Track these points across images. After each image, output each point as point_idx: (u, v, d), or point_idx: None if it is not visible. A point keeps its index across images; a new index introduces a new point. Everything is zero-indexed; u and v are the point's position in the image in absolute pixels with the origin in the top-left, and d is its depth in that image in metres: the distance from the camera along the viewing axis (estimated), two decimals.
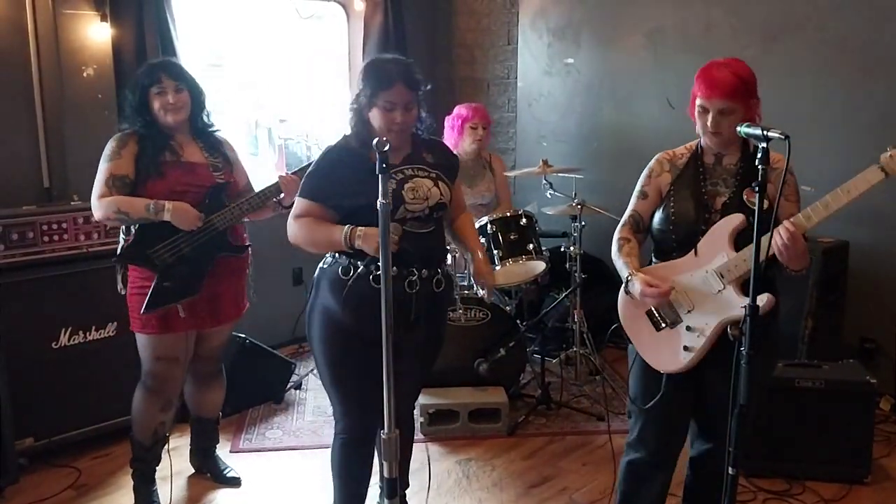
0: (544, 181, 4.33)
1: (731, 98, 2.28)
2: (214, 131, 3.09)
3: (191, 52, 4.46)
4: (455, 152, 4.49)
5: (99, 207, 2.81)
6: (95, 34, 3.98)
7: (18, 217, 3.34)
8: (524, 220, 4.07)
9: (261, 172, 4.55)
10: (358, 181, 2.30)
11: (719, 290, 2.31)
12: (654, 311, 2.42)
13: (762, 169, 2.05)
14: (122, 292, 2.95)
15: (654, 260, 2.52)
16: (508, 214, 4.10)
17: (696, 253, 2.35)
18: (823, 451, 3.30)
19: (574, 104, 5.33)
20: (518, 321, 4.15)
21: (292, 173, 3.04)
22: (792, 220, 2.19)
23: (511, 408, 3.92)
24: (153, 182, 2.84)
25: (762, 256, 2.13)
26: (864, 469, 3.31)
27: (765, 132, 2.06)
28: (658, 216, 2.46)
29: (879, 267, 4.05)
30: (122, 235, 2.95)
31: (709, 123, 2.31)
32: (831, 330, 3.97)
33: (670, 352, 2.40)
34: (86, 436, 3.52)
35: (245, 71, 5.50)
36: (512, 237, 4.01)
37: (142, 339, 2.97)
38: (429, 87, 2.55)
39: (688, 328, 2.37)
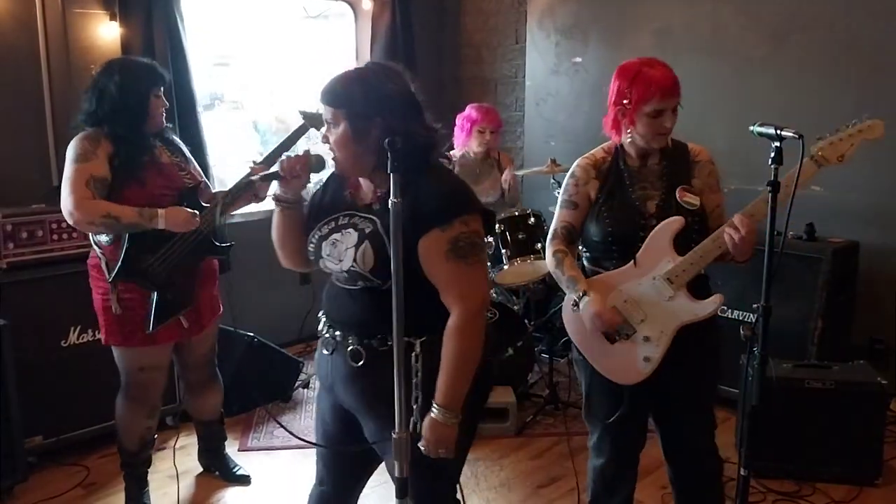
0: (552, 180, 4.32)
1: (678, 94, 2.28)
2: (168, 128, 3.01)
3: (198, 51, 4.47)
4: (462, 152, 4.53)
5: (82, 210, 2.63)
6: (104, 33, 3.99)
7: (27, 215, 3.35)
8: (532, 219, 4.07)
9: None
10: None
11: (670, 297, 2.28)
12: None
13: (774, 168, 2.05)
14: (118, 312, 2.80)
15: (587, 268, 2.46)
16: (517, 213, 4.10)
17: (635, 263, 2.31)
18: (833, 453, 3.29)
19: (582, 103, 5.31)
20: (526, 321, 4.14)
21: (260, 163, 2.91)
22: (745, 211, 2.19)
23: (519, 408, 3.92)
24: (131, 189, 2.73)
25: (699, 267, 2.21)
26: (875, 471, 3.30)
27: (778, 131, 2.05)
28: (592, 227, 2.38)
29: (890, 267, 4.03)
30: (97, 250, 2.83)
31: (667, 124, 2.28)
32: (841, 331, 3.95)
33: (628, 364, 2.35)
34: (94, 434, 3.53)
35: (252, 70, 5.50)
36: (520, 236, 4.01)
37: (123, 352, 2.90)
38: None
39: (645, 338, 2.32)
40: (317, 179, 2.10)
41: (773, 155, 2.05)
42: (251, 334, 4.06)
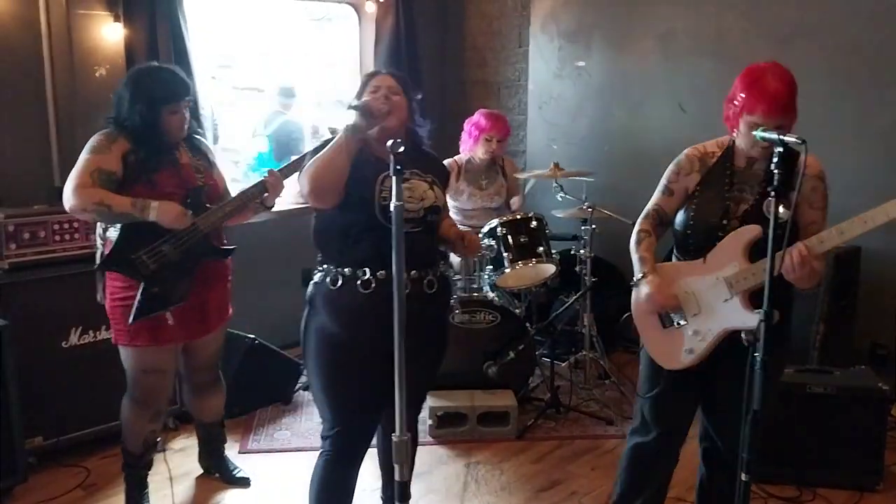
0: (555, 184, 4.32)
1: (786, 114, 2.23)
2: (198, 133, 3.04)
3: (201, 53, 4.47)
4: (468, 157, 4.53)
5: (77, 196, 2.65)
6: (108, 34, 3.99)
7: (30, 216, 3.35)
8: (534, 222, 4.06)
9: None
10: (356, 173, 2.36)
11: (726, 300, 2.31)
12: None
13: (778, 173, 2.04)
14: (102, 302, 2.84)
15: (674, 255, 2.52)
16: (519, 217, 4.10)
17: (704, 260, 2.35)
18: (835, 458, 3.28)
19: (585, 107, 5.31)
20: (527, 324, 4.13)
21: (278, 170, 2.95)
22: (805, 242, 2.17)
23: (520, 411, 3.91)
24: (141, 188, 2.74)
25: (776, 271, 2.14)
26: (876, 476, 3.29)
27: (781, 137, 2.05)
28: (680, 216, 2.45)
29: (892, 273, 4.02)
30: (98, 241, 2.87)
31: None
32: (843, 336, 3.94)
33: (673, 350, 2.42)
34: (95, 435, 3.53)
35: (255, 72, 5.52)
36: (522, 240, 4.01)
37: (128, 352, 2.90)
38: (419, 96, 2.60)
39: (694, 332, 2.38)
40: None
41: (775, 160, 2.05)
42: (252, 336, 4.06)
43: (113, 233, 2.81)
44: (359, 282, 2.34)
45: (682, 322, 2.41)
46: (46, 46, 3.78)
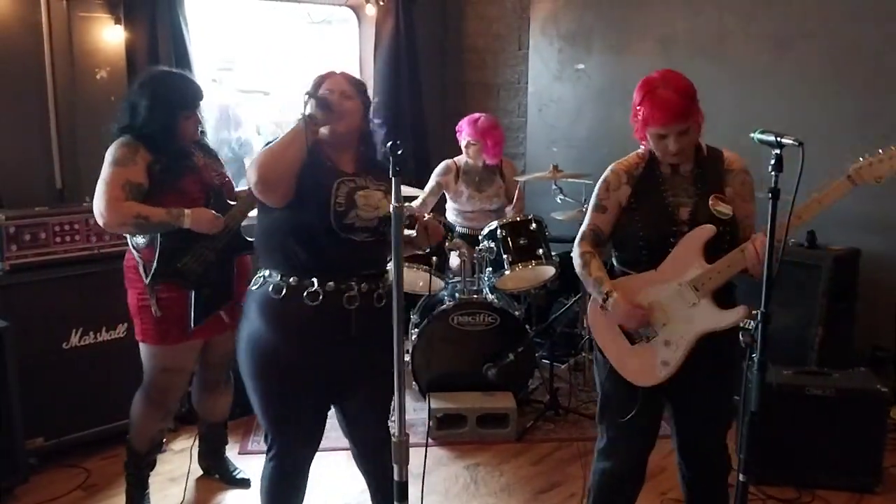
0: (554, 186, 4.32)
1: (685, 120, 2.27)
2: (203, 134, 3.07)
3: (202, 56, 4.48)
4: (465, 159, 4.54)
5: (114, 211, 2.67)
6: (109, 37, 4.00)
7: (31, 218, 3.36)
8: (534, 224, 4.08)
9: None
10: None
11: (694, 303, 2.30)
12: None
13: (775, 175, 2.05)
14: (158, 314, 2.83)
15: (617, 269, 2.49)
16: (518, 219, 4.11)
17: (658, 267, 2.34)
18: (833, 460, 3.28)
19: (584, 110, 5.32)
20: (527, 326, 4.14)
21: None
22: (763, 233, 2.17)
23: (519, 413, 3.92)
24: (169, 198, 2.77)
25: (725, 276, 2.24)
26: (875, 478, 3.29)
27: (778, 139, 2.06)
28: (624, 230, 2.42)
29: (891, 275, 4.03)
30: (135, 254, 2.87)
31: (671, 148, 2.29)
32: (842, 338, 3.94)
33: (647, 366, 2.38)
34: (95, 436, 3.54)
35: (255, 75, 5.52)
36: (521, 242, 4.02)
37: (151, 350, 2.92)
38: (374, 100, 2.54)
39: (665, 343, 2.35)
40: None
41: (773, 162, 2.05)
42: None
43: (141, 240, 2.84)
44: (305, 293, 2.23)
45: (650, 335, 2.37)
46: (47, 48, 3.79)
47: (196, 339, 2.93)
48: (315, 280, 2.23)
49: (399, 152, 1.81)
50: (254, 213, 3.01)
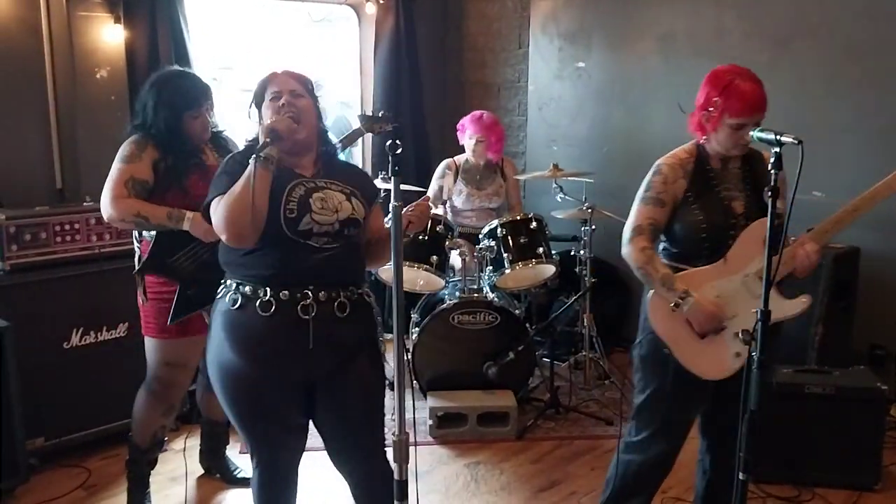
0: (554, 185, 4.33)
1: (764, 111, 2.31)
2: (221, 132, 3.07)
3: (202, 55, 4.49)
4: (465, 157, 4.54)
5: (115, 207, 2.71)
6: (109, 36, 4.01)
7: (31, 217, 3.36)
8: (534, 223, 4.08)
9: None
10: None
11: (759, 294, 2.31)
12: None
13: (774, 173, 2.06)
14: (144, 304, 2.89)
15: (667, 264, 2.48)
16: (518, 218, 4.11)
17: (725, 260, 2.36)
18: (833, 458, 3.28)
19: (585, 108, 5.32)
20: (527, 325, 4.15)
21: None
22: (811, 235, 2.28)
23: (520, 411, 3.92)
24: (173, 195, 2.78)
25: (789, 268, 2.27)
26: (874, 476, 3.29)
27: (777, 137, 2.06)
28: (682, 224, 2.42)
29: (891, 273, 4.02)
30: (136, 244, 2.92)
31: (746, 138, 2.31)
32: (841, 336, 3.95)
33: (717, 359, 2.39)
34: (96, 436, 3.54)
35: (255, 74, 5.52)
36: (522, 241, 4.02)
37: (154, 343, 2.94)
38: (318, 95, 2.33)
39: (735, 334, 2.35)
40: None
41: (772, 160, 2.06)
42: None
43: (145, 232, 2.86)
44: (258, 302, 2.11)
45: (719, 328, 2.39)
46: (47, 48, 3.79)
47: (196, 335, 2.91)
48: (268, 289, 2.10)
49: (398, 151, 1.80)
50: None
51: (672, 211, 2.44)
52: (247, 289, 2.13)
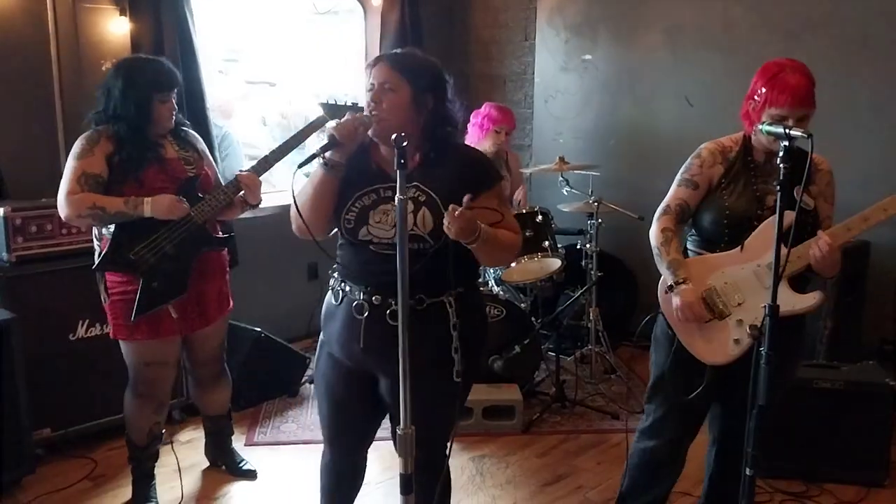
0: (561, 178, 4.31)
1: (809, 105, 2.29)
2: (183, 124, 3.03)
3: (207, 47, 4.47)
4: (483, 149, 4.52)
5: (69, 204, 2.67)
6: (114, 28, 4.00)
7: (37, 209, 3.35)
8: (540, 216, 4.06)
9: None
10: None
11: (769, 285, 2.30)
12: (705, 302, 2.42)
13: (783, 167, 2.04)
14: (105, 302, 2.86)
15: (690, 250, 2.52)
16: (524, 211, 4.09)
17: (741, 248, 2.37)
18: (842, 453, 3.27)
19: (591, 101, 5.30)
20: (533, 319, 4.14)
21: (250, 170, 2.94)
22: (829, 231, 2.27)
23: (525, 405, 3.91)
24: (128, 187, 2.74)
25: (803, 263, 2.27)
26: (883, 472, 3.28)
27: (787, 131, 2.05)
28: (709, 209, 2.44)
29: None
30: (95, 242, 2.87)
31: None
32: (850, 331, 3.93)
33: (718, 343, 2.40)
34: (102, 427, 3.55)
35: (261, 66, 5.51)
36: (527, 234, 4.00)
37: (129, 346, 2.91)
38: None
39: (738, 322, 2.37)
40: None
41: (781, 154, 2.04)
42: (259, 329, 4.07)
43: (105, 230, 2.81)
44: (354, 304, 2.13)
45: (723, 313, 2.40)
46: (53, 40, 3.79)
47: (167, 336, 2.89)
48: (362, 292, 2.13)
49: (404, 144, 1.79)
50: (234, 211, 3.00)
51: (705, 194, 2.45)
52: (346, 287, 2.18)
